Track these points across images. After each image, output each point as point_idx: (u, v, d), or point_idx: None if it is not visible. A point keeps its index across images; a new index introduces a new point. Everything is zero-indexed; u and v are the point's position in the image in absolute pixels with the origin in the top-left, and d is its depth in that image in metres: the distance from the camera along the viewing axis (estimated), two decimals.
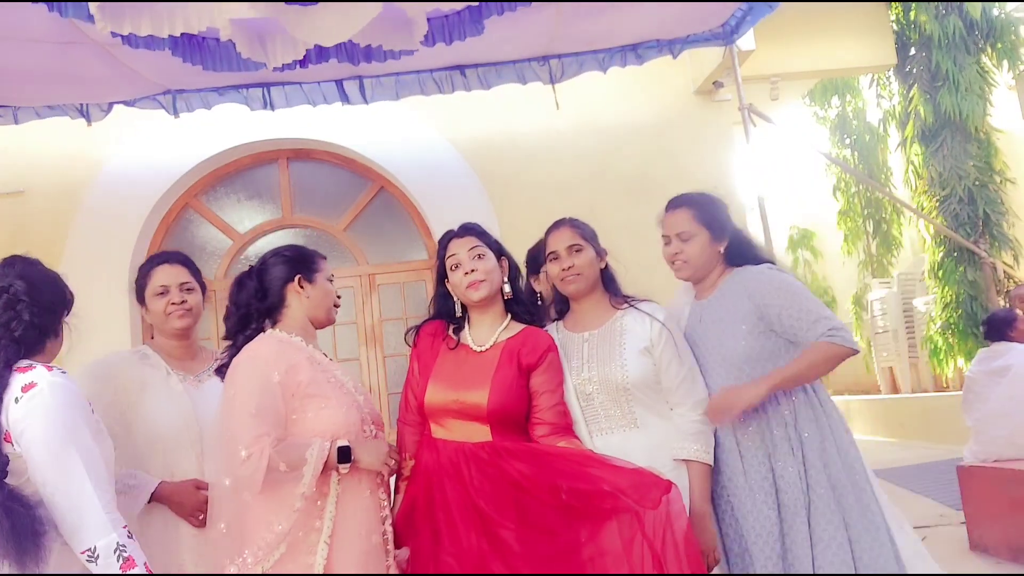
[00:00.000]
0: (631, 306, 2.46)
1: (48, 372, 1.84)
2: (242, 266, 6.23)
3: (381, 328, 6.19)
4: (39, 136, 5.42)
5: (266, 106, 4.70)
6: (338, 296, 2.39)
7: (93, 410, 1.92)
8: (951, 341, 7.77)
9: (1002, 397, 4.49)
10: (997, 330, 4.79)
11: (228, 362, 2.21)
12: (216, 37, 3.51)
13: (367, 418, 2.25)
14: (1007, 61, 7.99)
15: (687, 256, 2.49)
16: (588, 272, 2.45)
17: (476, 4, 3.47)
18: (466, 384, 2.29)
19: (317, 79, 4.60)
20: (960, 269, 7.73)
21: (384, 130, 5.97)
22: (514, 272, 2.47)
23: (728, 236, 2.53)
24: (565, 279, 2.45)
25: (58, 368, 1.88)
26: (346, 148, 6.10)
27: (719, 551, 2.29)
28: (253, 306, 2.27)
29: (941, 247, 7.95)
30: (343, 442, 2.08)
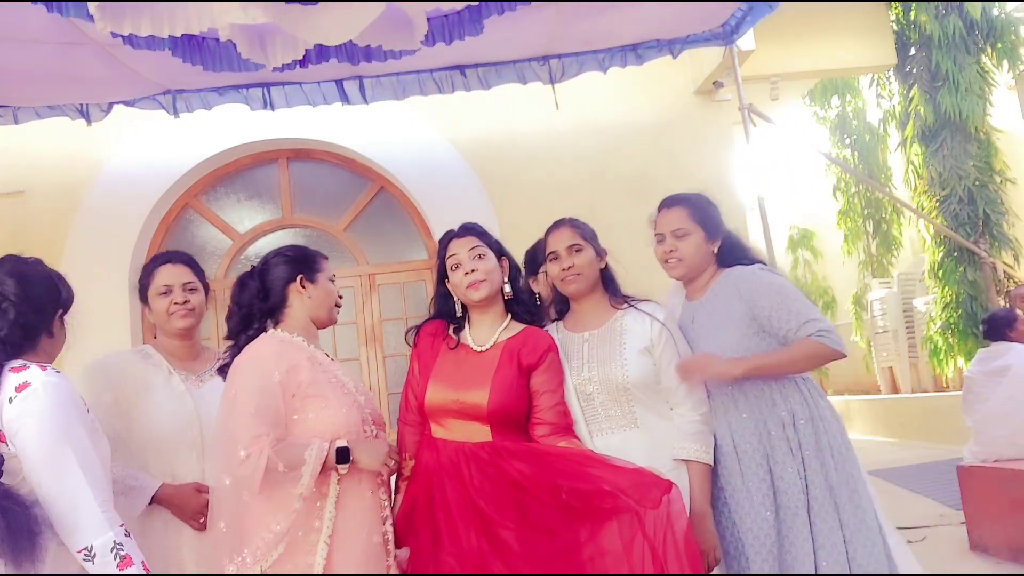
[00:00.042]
0: (631, 306, 2.47)
1: (42, 372, 1.83)
2: (242, 266, 6.27)
3: (381, 328, 6.19)
4: (39, 136, 5.42)
5: (266, 106, 4.70)
6: (340, 296, 2.39)
7: (89, 409, 1.91)
8: (951, 341, 7.77)
9: (1002, 397, 4.49)
10: (997, 330, 4.78)
11: (230, 362, 2.22)
12: (216, 37, 3.51)
13: (368, 418, 2.25)
14: (1007, 61, 7.99)
15: (682, 254, 2.49)
16: (588, 272, 2.45)
17: (476, 4, 3.47)
18: (466, 384, 2.29)
19: (317, 79, 4.60)
20: (960, 269, 7.72)
21: (384, 130, 5.97)
22: (514, 272, 2.47)
23: (721, 236, 2.54)
24: (565, 279, 2.45)
25: (52, 368, 1.87)
26: (346, 148, 6.09)
27: (719, 551, 2.29)
28: (255, 306, 2.27)
29: (941, 247, 7.95)
30: (342, 443, 2.09)
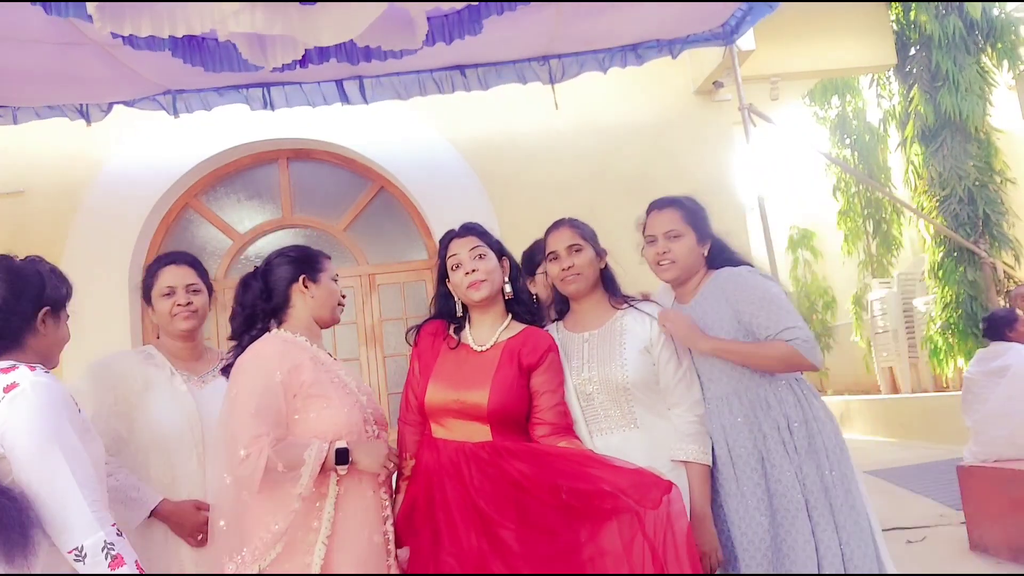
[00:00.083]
0: (631, 306, 2.47)
1: (31, 372, 1.81)
2: (242, 266, 6.28)
3: (381, 328, 6.19)
4: (39, 136, 5.42)
5: (266, 106, 4.70)
6: (343, 295, 2.40)
7: (81, 410, 1.90)
8: (951, 341, 7.76)
9: (1001, 397, 4.48)
10: (996, 330, 4.78)
11: (234, 362, 2.23)
12: (216, 38, 3.51)
13: (369, 418, 2.25)
14: (1007, 61, 7.98)
15: (675, 255, 2.48)
16: (588, 272, 2.45)
17: (476, 3, 3.47)
18: (466, 384, 2.29)
19: (317, 79, 4.60)
20: (960, 269, 7.72)
21: (384, 130, 5.97)
22: (515, 272, 2.47)
23: (710, 239, 2.54)
24: (565, 279, 2.45)
25: (42, 367, 1.86)
26: (346, 148, 6.09)
27: (721, 552, 2.29)
28: (258, 307, 2.29)
29: (941, 247, 7.94)
30: (341, 444, 2.10)
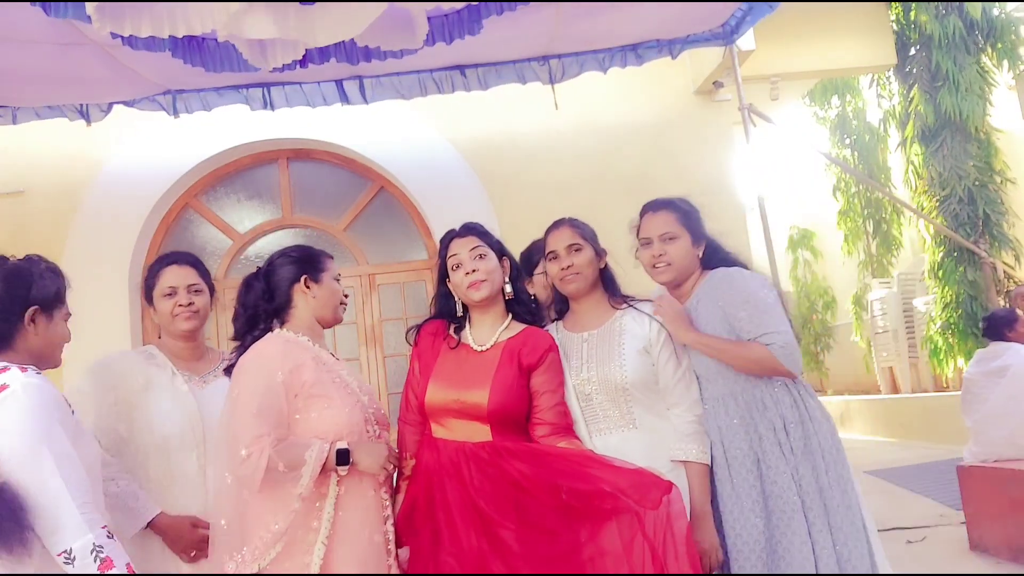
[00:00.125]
0: (630, 306, 2.47)
1: (22, 374, 1.81)
2: (242, 266, 6.28)
3: (381, 328, 6.19)
4: (39, 136, 5.42)
5: (266, 106, 4.70)
6: (345, 295, 2.41)
7: (74, 411, 1.90)
8: (951, 341, 7.76)
9: (1001, 397, 4.48)
10: (996, 330, 4.77)
11: (236, 362, 2.24)
12: (216, 38, 3.51)
13: (371, 418, 2.27)
14: (1007, 61, 7.98)
15: (671, 258, 2.48)
16: (587, 272, 2.45)
17: (475, 3, 3.47)
18: (467, 384, 2.29)
19: (317, 79, 4.60)
20: (960, 269, 7.72)
21: (384, 130, 5.97)
22: (515, 272, 2.47)
23: (704, 241, 2.54)
24: (564, 278, 2.45)
25: (33, 368, 1.86)
26: (346, 148, 6.09)
27: (720, 552, 2.29)
28: (260, 307, 2.30)
29: (941, 247, 7.94)
30: (342, 444, 2.11)
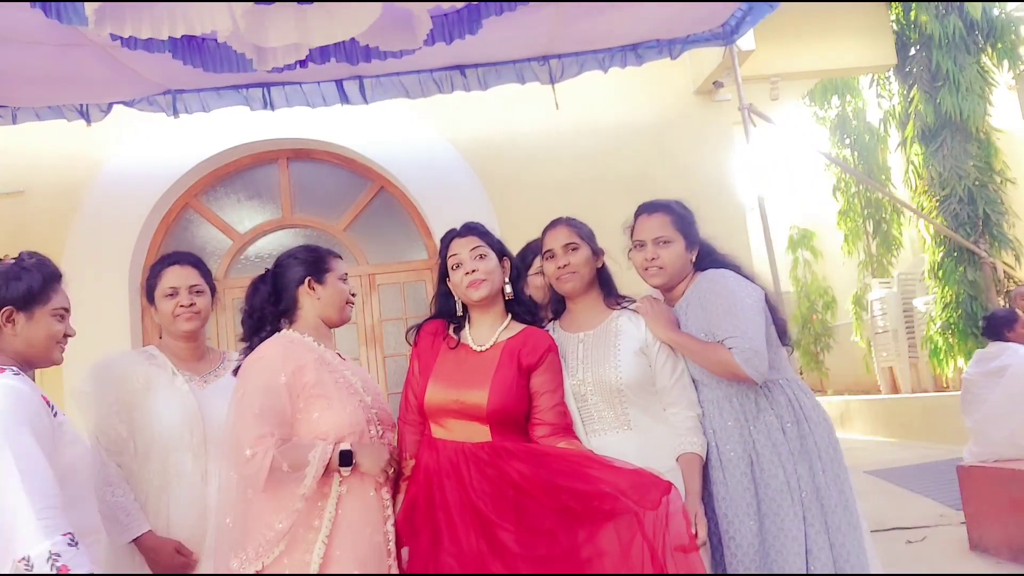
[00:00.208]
0: (626, 307, 2.47)
1: None
2: (242, 266, 6.29)
3: (381, 328, 6.19)
4: (39, 136, 5.42)
5: (266, 106, 4.70)
6: (352, 294, 2.42)
7: (58, 413, 1.88)
8: (951, 341, 7.76)
9: (1000, 397, 4.48)
10: (995, 330, 4.77)
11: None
12: (216, 38, 3.51)
13: (374, 418, 2.27)
14: (1007, 61, 7.98)
15: (664, 262, 2.47)
16: (584, 271, 2.45)
17: (476, 3, 3.47)
18: (466, 384, 2.28)
19: (317, 79, 4.61)
20: (960, 269, 7.72)
21: (384, 130, 5.97)
22: (515, 272, 2.47)
23: (698, 244, 2.53)
24: (561, 277, 2.45)
25: (12, 369, 1.85)
26: (346, 148, 6.10)
27: (704, 522, 2.23)
28: (266, 310, 2.34)
29: (941, 247, 7.94)
30: (345, 446, 2.13)
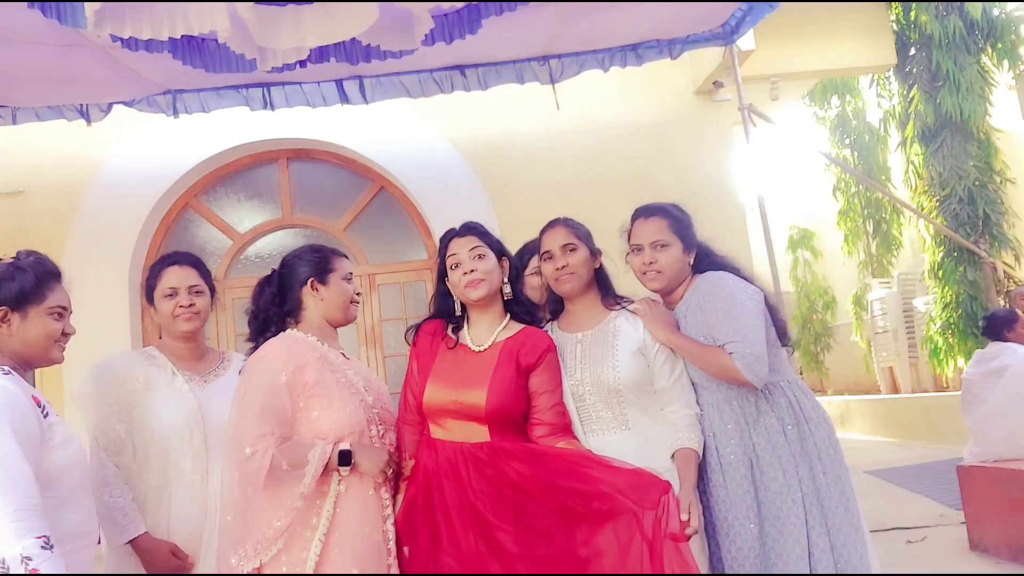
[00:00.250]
0: (624, 307, 2.47)
1: None
2: (242, 266, 6.29)
3: (381, 328, 6.19)
4: (39, 136, 5.43)
5: (266, 106, 4.71)
6: (357, 294, 2.43)
7: (48, 413, 1.87)
8: (951, 341, 7.76)
9: (1000, 398, 4.48)
10: (995, 330, 4.77)
11: None
12: (216, 38, 3.51)
13: (375, 418, 2.28)
14: (1007, 61, 7.98)
15: (662, 266, 2.47)
16: (582, 272, 2.45)
17: (475, 3, 3.47)
18: (464, 384, 2.28)
19: (317, 79, 4.61)
20: (960, 269, 7.71)
21: (384, 130, 5.97)
22: (514, 272, 2.47)
23: (695, 247, 2.53)
24: (560, 279, 2.45)
25: (2, 369, 1.85)
26: (346, 148, 6.10)
27: (700, 510, 2.24)
28: (271, 311, 2.37)
29: (941, 247, 7.94)
30: (344, 446, 2.15)
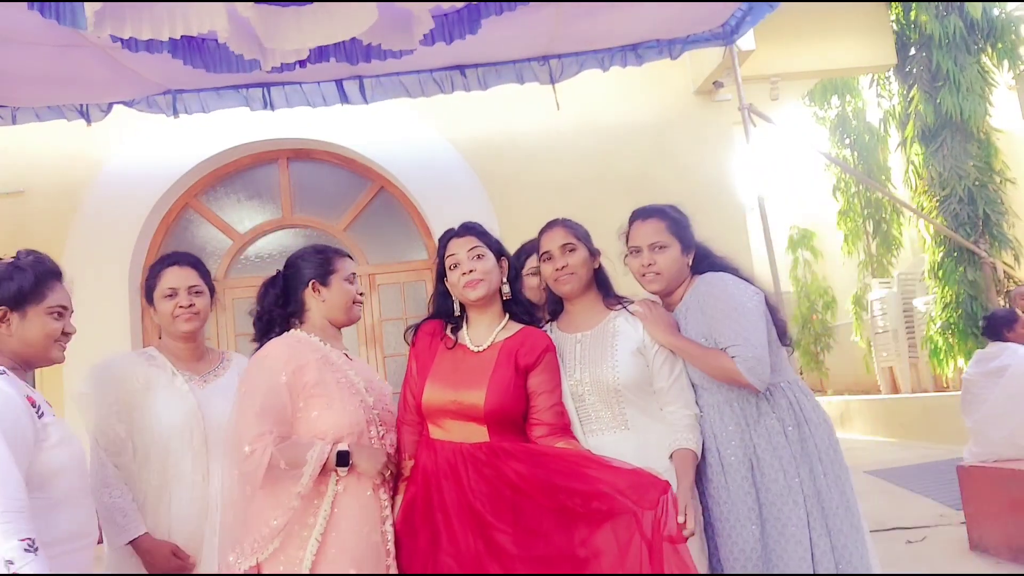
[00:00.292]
0: (624, 307, 2.47)
1: None
2: (242, 266, 6.30)
3: (381, 328, 6.19)
4: (39, 136, 5.43)
5: (266, 106, 4.71)
6: (360, 294, 2.43)
7: (43, 414, 1.85)
8: (951, 341, 7.76)
9: (1000, 398, 4.48)
10: (995, 330, 4.77)
11: None
12: (216, 38, 3.51)
13: (375, 419, 2.29)
14: (1007, 61, 7.98)
15: (660, 267, 2.46)
16: (581, 272, 2.45)
17: (475, 3, 3.47)
18: (463, 384, 2.28)
19: (317, 79, 4.61)
20: (960, 269, 7.72)
21: (384, 130, 5.97)
22: (513, 273, 2.47)
23: (694, 248, 2.53)
24: (559, 279, 2.45)
25: None
26: (346, 148, 6.10)
27: (700, 509, 2.25)
28: (274, 312, 2.39)
29: (941, 247, 7.94)
30: (343, 446, 2.15)
